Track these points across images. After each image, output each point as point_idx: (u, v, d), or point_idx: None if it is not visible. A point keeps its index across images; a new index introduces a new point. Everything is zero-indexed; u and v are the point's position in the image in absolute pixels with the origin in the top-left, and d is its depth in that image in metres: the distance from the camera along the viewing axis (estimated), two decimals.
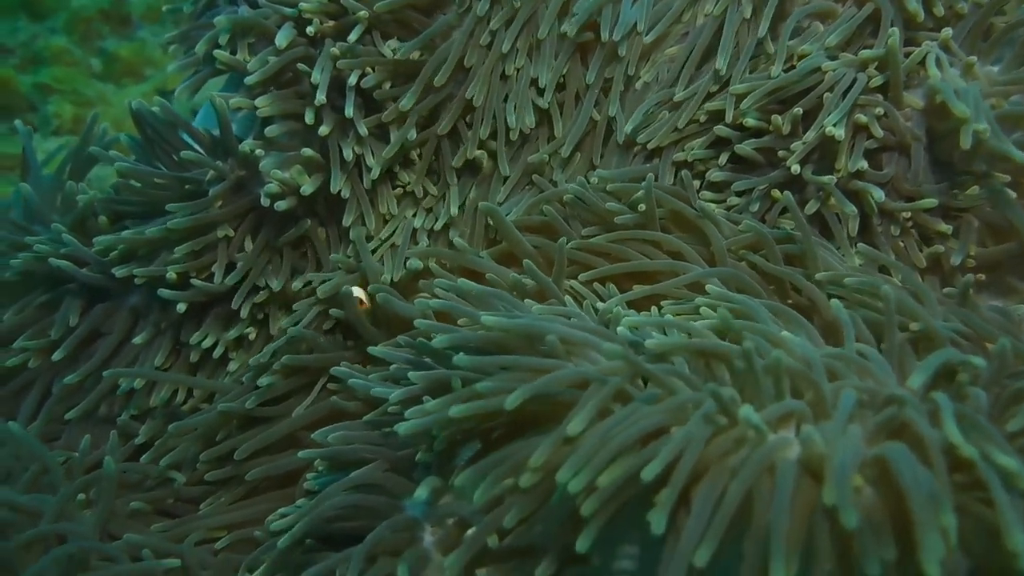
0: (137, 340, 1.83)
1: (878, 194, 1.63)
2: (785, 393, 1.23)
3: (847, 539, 1.11)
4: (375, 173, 1.82)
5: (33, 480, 1.68)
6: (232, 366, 1.84)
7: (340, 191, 1.80)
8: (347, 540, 1.44)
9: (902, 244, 1.67)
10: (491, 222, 1.79)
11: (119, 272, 1.78)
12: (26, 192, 1.97)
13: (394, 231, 1.86)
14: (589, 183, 1.75)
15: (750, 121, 1.72)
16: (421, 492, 1.37)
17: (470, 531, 1.36)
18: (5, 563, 1.52)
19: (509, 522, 1.24)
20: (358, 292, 1.75)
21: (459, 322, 1.64)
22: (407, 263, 1.79)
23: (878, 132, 1.64)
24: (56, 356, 1.81)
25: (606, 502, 1.15)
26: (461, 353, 1.39)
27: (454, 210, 1.87)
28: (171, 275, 1.77)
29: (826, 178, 1.65)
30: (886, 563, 1.06)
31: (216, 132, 1.83)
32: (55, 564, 1.53)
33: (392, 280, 1.77)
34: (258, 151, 1.78)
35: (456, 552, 1.31)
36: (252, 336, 1.84)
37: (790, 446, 1.18)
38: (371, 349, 1.62)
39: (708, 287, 1.54)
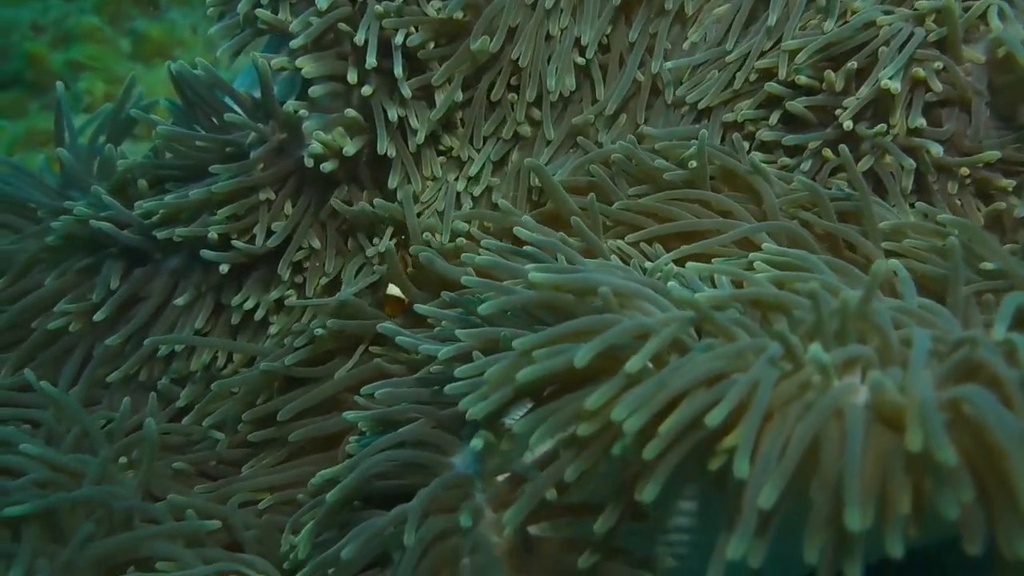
0: (179, 302, 1.81)
1: (936, 149, 1.60)
2: (851, 339, 1.19)
3: (919, 484, 1.08)
4: (420, 136, 1.79)
5: (75, 443, 1.66)
6: (273, 329, 1.82)
7: (385, 152, 1.77)
8: (393, 499, 1.41)
9: (959, 202, 1.63)
10: (536, 181, 1.76)
11: (161, 234, 1.76)
12: (63, 157, 1.96)
13: (437, 194, 1.84)
14: (639, 136, 1.73)
15: (802, 78, 1.69)
16: (476, 443, 1.33)
17: (525, 486, 1.33)
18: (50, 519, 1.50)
19: (570, 476, 1.21)
20: (394, 291, 1.72)
21: (504, 282, 1.62)
22: (451, 224, 1.77)
23: (937, 86, 1.61)
24: (97, 317, 1.79)
25: (670, 447, 1.12)
26: (509, 327, 1.36)
27: (473, 170, 1.84)
28: (213, 235, 1.75)
29: (876, 128, 1.61)
30: (964, 504, 1.03)
31: (256, 94, 1.81)
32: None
33: (443, 243, 1.75)
34: (302, 111, 1.76)
35: (514, 507, 1.27)
36: (293, 299, 1.82)
37: (857, 391, 1.14)
38: (417, 307, 1.59)
39: (764, 245, 1.51)
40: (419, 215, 1.81)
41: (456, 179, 1.86)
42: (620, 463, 1.21)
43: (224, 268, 1.76)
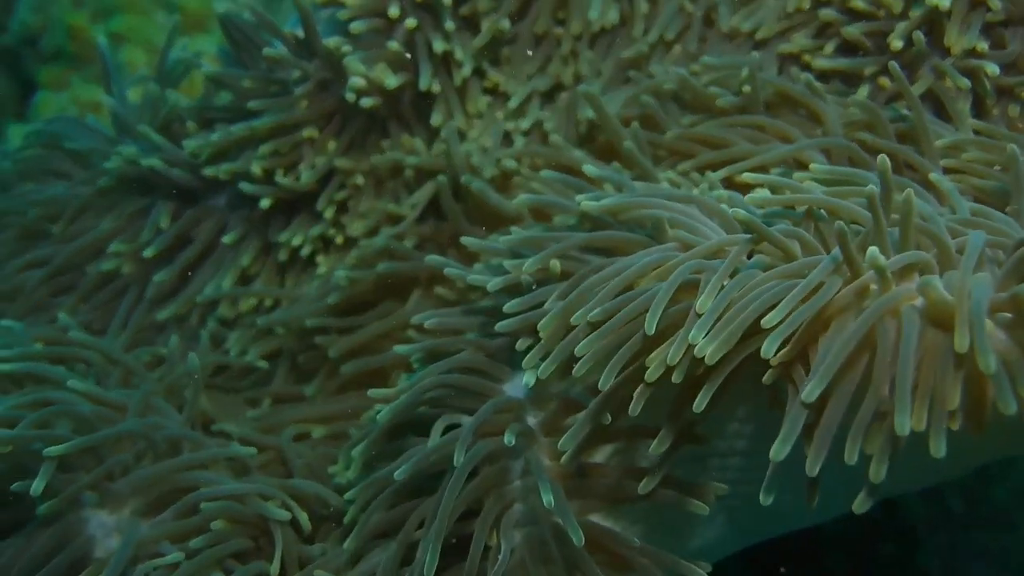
0: (226, 239, 1.81)
1: (992, 69, 1.55)
2: (911, 244, 1.16)
3: (978, 384, 1.05)
4: (467, 69, 1.77)
5: (121, 381, 1.66)
6: (320, 270, 1.81)
7: (428, 88, 1.75)
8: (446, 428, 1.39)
9: (1021, 126, 1.58)
10: (588, 113, 1.74)
11: (209, 171, 1.76)
12: (110, 105, 1.96)
13: (483, 132, 1.82)
14: (692, 72, 1.70)
15: (859, 3, 1.65)
16: (528, 378, 1.31)
17: (581, 413, 1.31)
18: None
19: (634, 411, 1.19)
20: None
21: (555, 220, 1.60)
22: (500, 163, 1.75)
23: (995, 4, 1.56)
24: (146, 253, 1.80)
25: (728, 353, 1.10)
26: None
27: (515, 102, 1.81)
28: (256, 170, 1.75)
29: (918, 44, 1.56)
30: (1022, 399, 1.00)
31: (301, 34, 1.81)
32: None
33: (489, 178, 1.73)
34: (345, 47, 1.75)
35: (571, 432, 1.26)
36: (339, 240, 1.81)
37: (915, 296, 1.11)
38: (464, 239, 1.57)
39: (812, 166, 1.46)
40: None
41: (503, 117, 1.83)
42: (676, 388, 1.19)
43: (265, 203, 1.76)
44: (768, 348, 1.06)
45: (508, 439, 1.29)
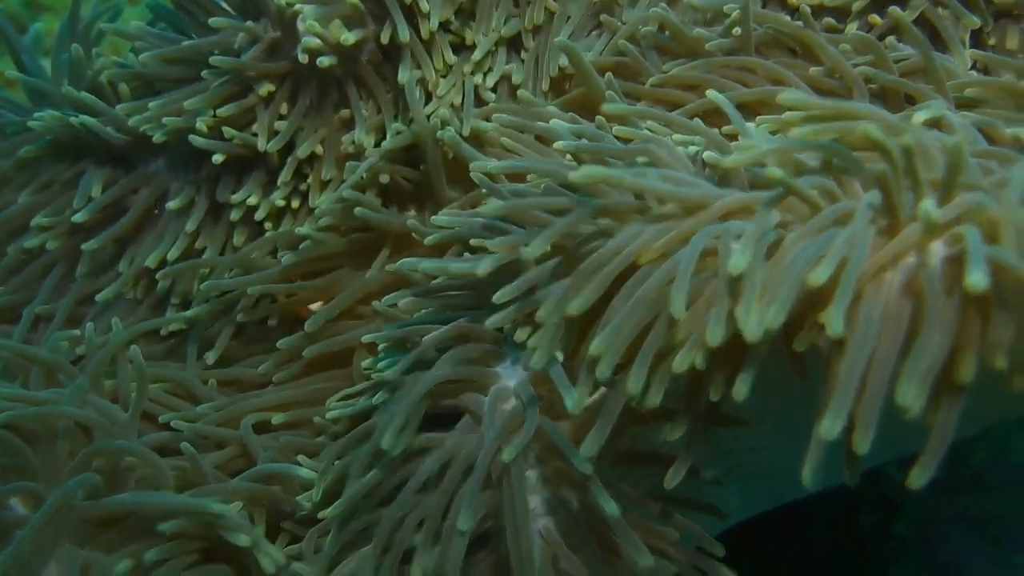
0: (172, 205, 1.65)
1: None
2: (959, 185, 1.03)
3: None
4: (434, 22, 1.62)
5: (45, 378, 1.47)
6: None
7: (391, 43, 1.61)
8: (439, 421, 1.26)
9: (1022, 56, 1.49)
10: (561, 63, 1.61)
11: (149, 129, 1.60)
12: (18, 78, 1.77)
13: (451, 89, 1.68)
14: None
15: None
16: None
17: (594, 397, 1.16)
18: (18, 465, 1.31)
19: (653, 399, 1.04)
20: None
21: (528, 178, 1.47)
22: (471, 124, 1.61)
23: None
24: (77, 219, 1.62)
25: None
26: None
27: (478, 54, 1.67)
28: (202, 126, 1.59)
29: None
30: None
31: None
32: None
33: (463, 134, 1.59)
34: (298, 5, 1.59)
35: (591, 436, 1.11)
36: (296, 205, 1.65)
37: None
38: (436, 219, 1.42)
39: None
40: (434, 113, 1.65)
41: (472, 72, 1.69)
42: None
43: (218, 158, 1.60)
44: (835, 323, 0.90)
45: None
